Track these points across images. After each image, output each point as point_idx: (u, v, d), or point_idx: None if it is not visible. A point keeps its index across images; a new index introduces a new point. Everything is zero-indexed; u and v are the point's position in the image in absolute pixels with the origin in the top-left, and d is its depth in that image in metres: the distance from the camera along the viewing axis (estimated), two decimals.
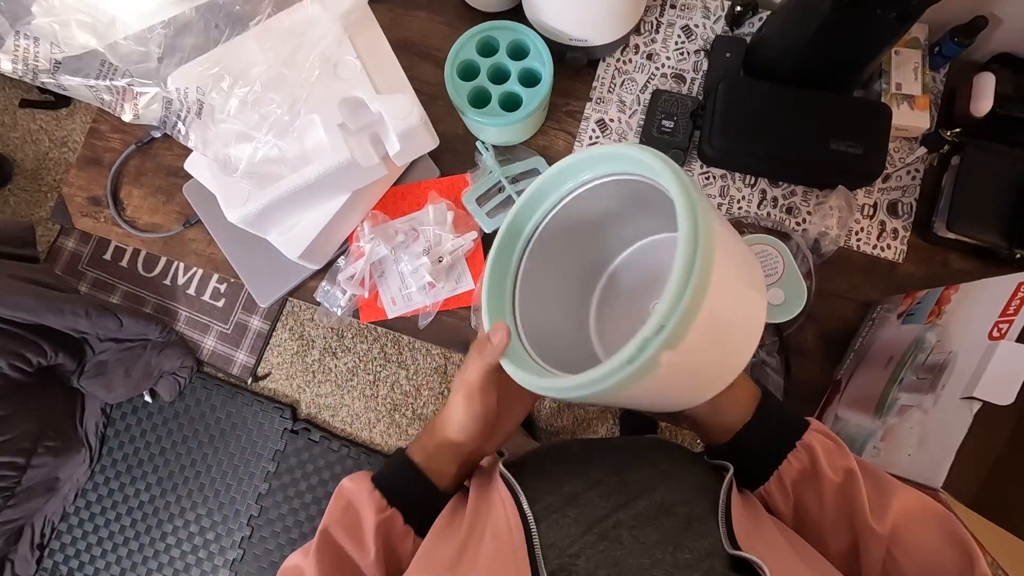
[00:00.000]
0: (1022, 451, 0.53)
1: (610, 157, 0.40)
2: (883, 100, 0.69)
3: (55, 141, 1.80)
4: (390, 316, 0.73)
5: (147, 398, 1.62)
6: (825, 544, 0.38)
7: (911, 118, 0.69)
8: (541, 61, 0.67)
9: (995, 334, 0.46)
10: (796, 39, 0.65)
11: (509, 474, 0.39)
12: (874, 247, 0.70)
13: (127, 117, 0.55)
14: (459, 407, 0.43)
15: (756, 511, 0.36)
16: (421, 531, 0.40)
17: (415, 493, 0.42)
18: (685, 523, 0.34)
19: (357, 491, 0.41)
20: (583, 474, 0.39)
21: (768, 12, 0.74)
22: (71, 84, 0.51)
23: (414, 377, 1.62)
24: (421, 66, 0.78)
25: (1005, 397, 0.43)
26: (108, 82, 0.51)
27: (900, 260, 0.70)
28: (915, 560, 0.34)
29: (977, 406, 0.44)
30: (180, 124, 0.57)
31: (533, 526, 0.34)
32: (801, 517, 0.39)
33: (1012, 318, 0.45)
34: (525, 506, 0.35)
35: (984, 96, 0.66)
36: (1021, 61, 0.70)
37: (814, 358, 0.69)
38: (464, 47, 0.67)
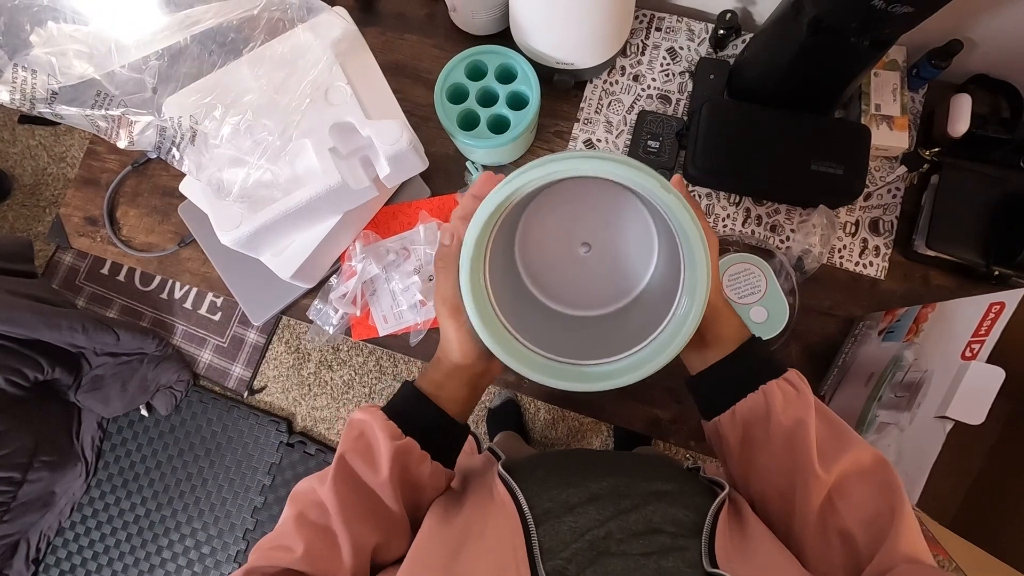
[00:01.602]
0: (1000, 471, 0.54)
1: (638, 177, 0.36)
2: (863, 121, 0.70)
3: (54, 157, 1.82)
4: (381, 334, 0.74)
5: (143, 412, 1.62)
6: (769, 479, 0.41)
7: (890, 138, 0.70)
8: (528, 84, 0.68)
9: (967, 354, 0.47)
10: (776, 62, 0.67)
11: (508, 476, 0.40)
12: (856, 264, 0.72)
13: (122, 144, 0.56)
14: (450, 328, 0.42)
15: (746, 534, 0.37)
16: (437, 456, 0.41)
17: (428, 422, 0.42)
18: (671, 539, 0.35)
19: (370, 421, 0.40)
20: (581, 486, 0.40)
21: (750, 35, 0.76)
22: (68, 113, 0.52)
23: None
24: (413, 88, 0.80)
25: (976, 417, 0.44)
26: (104, 111, 0.52)
27: (882, 277, 0.71)
28: (852, 510, 0.36)
29: (950, 425, 0.45)
30: (174, 150, 0.58)
31: (532, 527, 0.35)
32: (748, 451, 0.42)
33: (983, 338, 0.46)
34: (525, 508, 0.36)
35: (961, 117, 0.68)
36: (997, 82, 0.71)
37: None
38: (453, 71, 0.69)
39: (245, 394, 1.65)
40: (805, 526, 0.38)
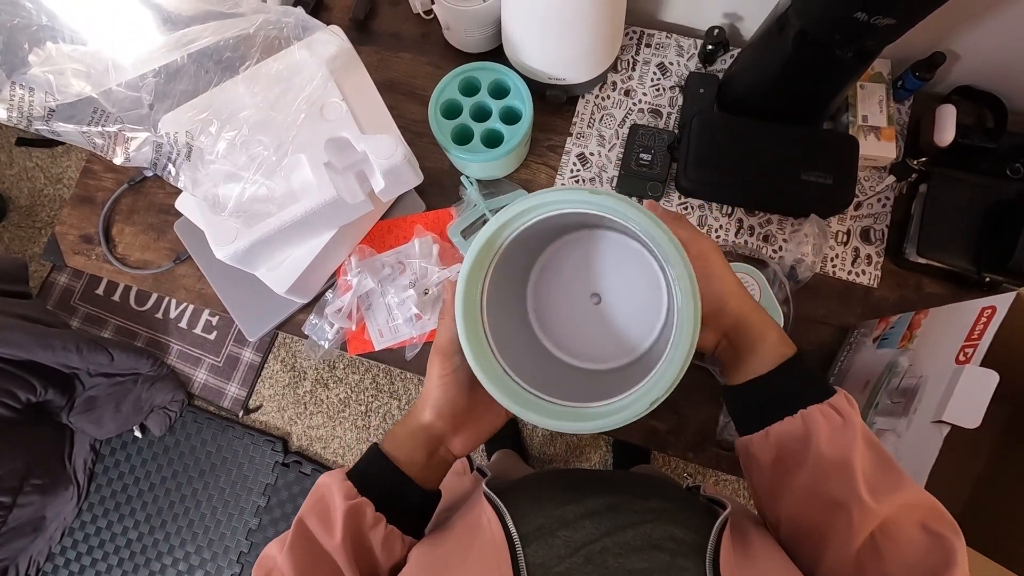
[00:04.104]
0: (999, 476, 0.54)
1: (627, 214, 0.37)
2: (851, 132, 0.72)
3: (50, 178, 1.83)
4: (377, 348, 0.73)
5: (137, 433, 1.60)
6: (802, 509, 0.38)
7: (878, 148, 0.71)
8: (521, 100, 0.69)
9: (961, 358, 0.47)
10: (764, 76, 0.68)
11: (494, 494, 0.39)
12: (849, 273, 0.72)
13: (118, 160, 0.56)
14: (434, 374, 0.43)
15: (751, 554, 0.36)
16: (392, 519, 0.40)
17: (385, 481, 0.41)
18: (671, 557, 0.34)
19: (330, 482, 0.40)
20: (577, 503, 0.39)
21: (738, 49, 0.78)
22: (64, 130, 0.53)
23: (406, 407, 1.61)
24: (407, 105, 0.81)
25: (971, 421, 0.44)
26: (100, 128, 0.53)
27: (875, 285, 0.72)
28: (898, 554, 0.33)
29: (947, 430, 0.45)
30: (170, 166, 0.59)
31: (518, 544, 0.34)
32: (781, 473, 0.40)
33: (976, 342, 0.47)
34: (510, 525, 0.36)
35: (946, 127, 0.69)
36: (981, 93, 0.73)
37: None
38: (447, 87, 0.70)
39: (240, 414, 1.64)
40: (840, 562, 0.35)
